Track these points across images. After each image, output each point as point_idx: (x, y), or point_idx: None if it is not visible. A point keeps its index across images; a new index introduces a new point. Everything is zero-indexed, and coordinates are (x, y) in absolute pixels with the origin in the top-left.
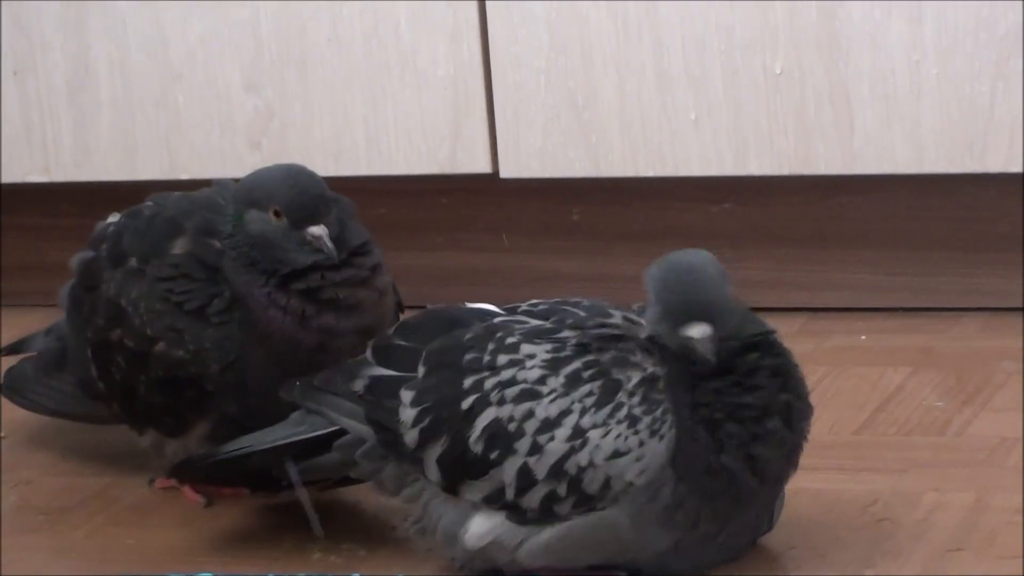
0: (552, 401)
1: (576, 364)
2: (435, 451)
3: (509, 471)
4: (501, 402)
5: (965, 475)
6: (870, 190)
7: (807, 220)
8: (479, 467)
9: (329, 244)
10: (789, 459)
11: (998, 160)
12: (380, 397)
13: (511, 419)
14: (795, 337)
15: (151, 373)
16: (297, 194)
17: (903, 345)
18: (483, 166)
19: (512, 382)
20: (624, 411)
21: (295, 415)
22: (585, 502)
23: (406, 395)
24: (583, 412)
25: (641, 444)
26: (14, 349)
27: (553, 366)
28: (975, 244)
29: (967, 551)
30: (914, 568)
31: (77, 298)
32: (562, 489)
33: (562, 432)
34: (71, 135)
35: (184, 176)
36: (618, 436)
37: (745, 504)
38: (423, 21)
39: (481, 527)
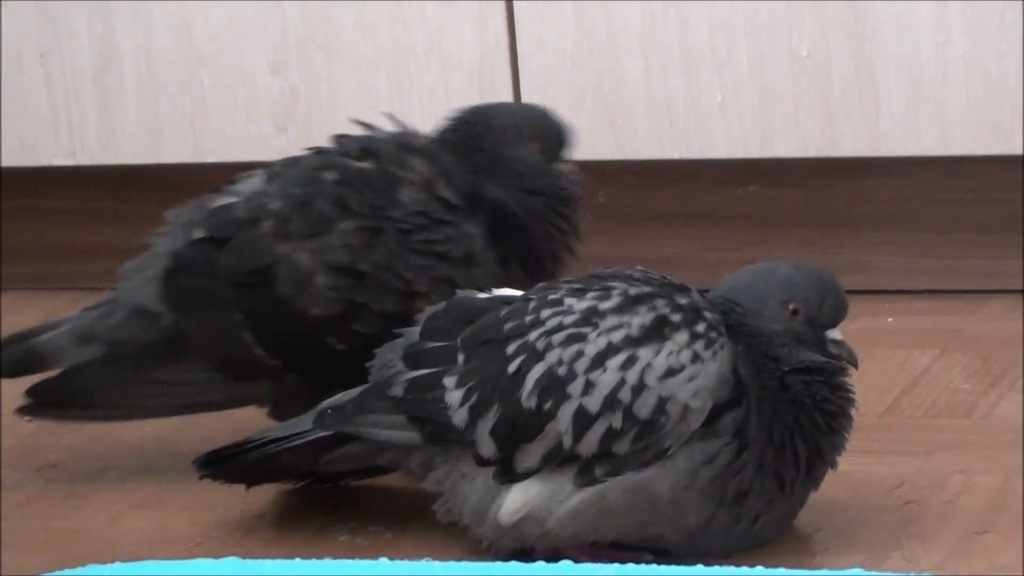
0: (600, 335)
1: (621, 299)
2: (487, 424)
3: (564, 418)
4: (548, 349)
5: (992, 457)
6: (896, 172)
7: (833, 202)
8: (534, 425)
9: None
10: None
11: None
12: (422, 393)
13: (560, 363)
14: None
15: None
16: (554, 127)
17: (929, 327)
18: None
19: (558, 328)
20: (676, 333)
21: (322, 406)
22: (643, 436)
23: (449, 381)
24: (632, 341)
25: (695, 360)
26: (20, 369)
27: (598, 304)
28: (1002, 226)
29: (993, 533)
30: (941, 550)
31: (203, 284)
32: (617, 421)
33: (613, 362)
34: (97, 118)
35: (210, 159)
36: (670, 354)
37: (788, 493)
38: (449, 4)
39: (515, 501)
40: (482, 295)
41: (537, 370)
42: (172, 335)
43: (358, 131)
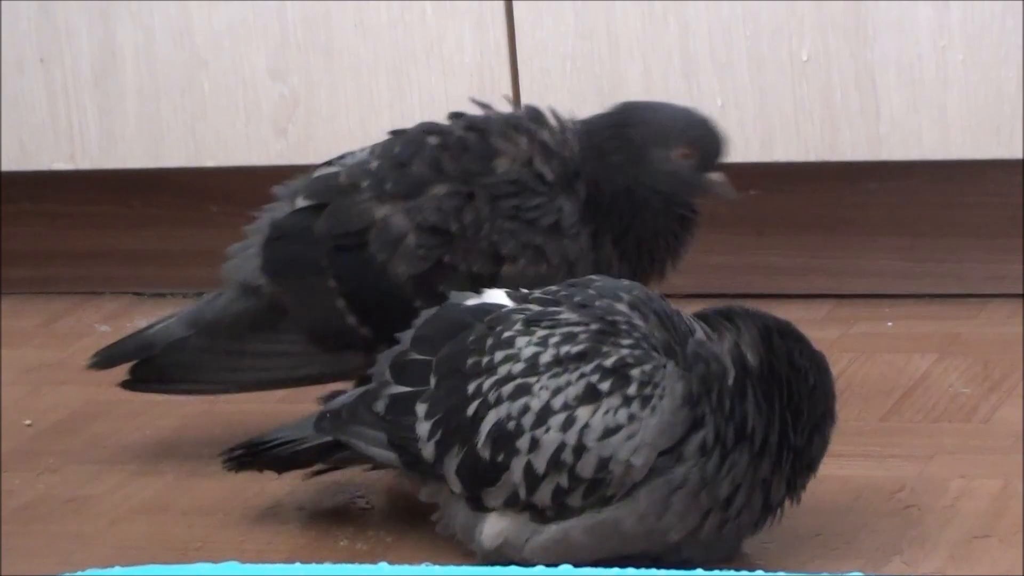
0: (542, 389)
1: (566, 348)
2: (452, 463)
3: (516, 472)
4: (498, 402)
5: (992, 461)
6: (896, 176)
7: (833, 206)
8: (491, 473)
9: (732, 188)
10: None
11: None
12: (399, 416)
13: (509, 418)
14: (821, 324)
15: None
16: (709, 136)
17: (930, 331)
18: None
19: (507, 378)
20: (607, 398)
21: (333, 404)
22: (592, 491)
23: (420, 408)
24: (574, 397)
25: (632, 420)
26: (109, 360)
27: (540, 354)
28: (1002, 230)
29: (994, 537)
30: (941, 554)
31: (300, 251)
32: (564, 480)
33: (555, 420)
34: (96, 122)
35: (210, 163)
36: (606, 413)
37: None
38: (449, 7)
39: (493, 528)
40: (470, 302)
41: (490, 419)
42: (270, 305)
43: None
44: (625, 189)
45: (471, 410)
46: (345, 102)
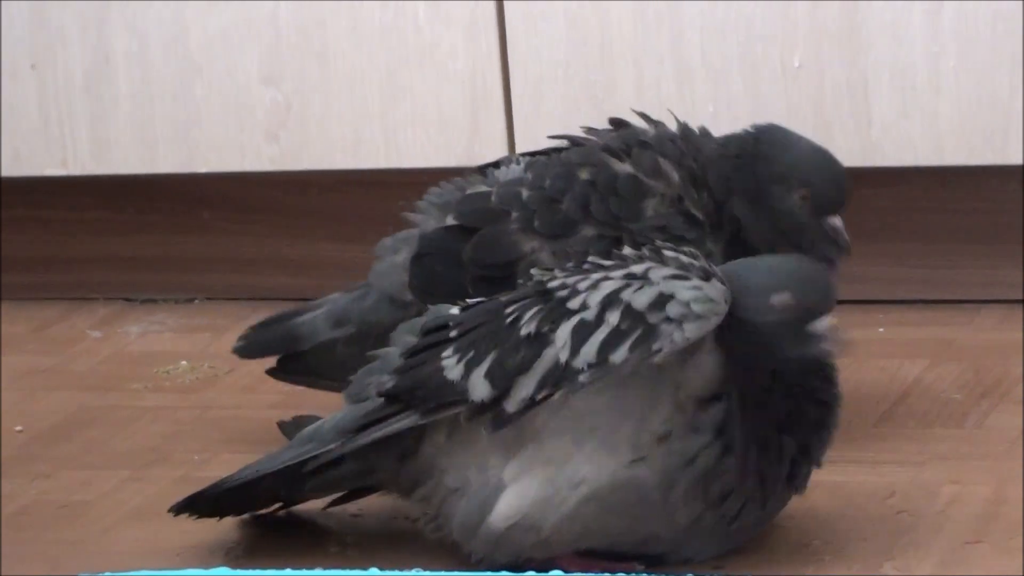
0: (607, 268)
1: (629, 250)
2: (482, 369)
3: (562, 336)
4: (551, 280)
5: (984, 467)
6: (889, 182)
7: None
8: (532, 352)
9: (846, 236)
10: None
11: (1017, 152)
12: (415, 369)
13: (563, 287)
14: None
15: None
16: (832, 182)
17: (922, 337)
18: None
19: (562, 274)
20: (681, 262)
21: (302, 434)
22: (642, 341)
23: (447, 352)
24: (639, 258)
25: (705, 276)
26: (277, 348)
27: (601, 260)
28: (994, 236)
29: (986, 543)
30: (933, 560)
31: (447, 273)
32: (615, 318)
33: (618, 272)
34: (89, 128)
35: (203, 169)
36: (677, 268)
37: (770, 492)
38: (441, 14)
39: (509, 507)
40: (456, 311)
41: (535, 307)
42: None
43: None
44: (751, 224)
45: (510, 318)
46: (338, 108)
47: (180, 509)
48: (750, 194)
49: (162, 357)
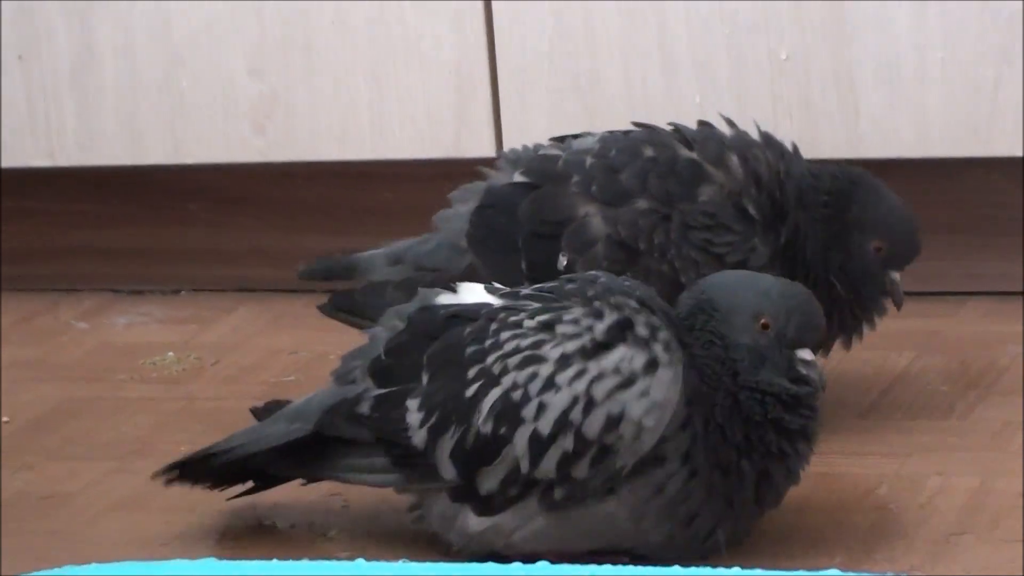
0: (554, 350)
1: (577, 313)
2: (446, 447)
3: (520, 442)
4: (503, 373)
5: (969, 459)
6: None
7: None
8: (491, 449)
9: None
10: (787, 488)
11: (1003, 144)
12: (387, 412)
13: (515, 387)
14: None
15: None
16: (908, 244)
17: (908, 329)
18: (487, 150)
19: (515, 351)
20: (629, 347)
21: (288, 409)
22: (600, 458)
23: (412, 403)
24: (584, 354)
25: (647, 372)
26: (332, 275)
27: (553, 323)
28: (980, 228)
29: (971, 535)
30: (918, 551)
31: (503, 226)
32: (570, 444)
33: (564, 377)
34: (75, 120)
35: (188, 160)
36: (619, 365)
37: (738, 512)
38: (427, 5)
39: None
40: (445, 299)
41: (493, 395)
42: (469, 273)
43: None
44: (822, 259)
45: (471, 391)
46: (324, 100)
47: (167, 472)
48: (832, 237)
49: (148, 348)
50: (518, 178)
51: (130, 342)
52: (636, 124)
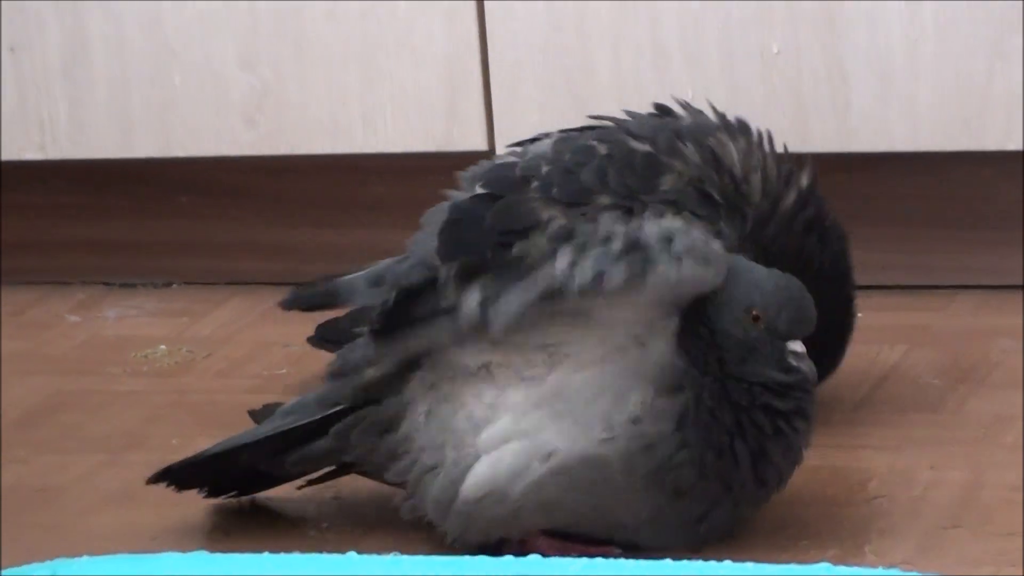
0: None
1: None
2: (475, 288)
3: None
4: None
5: (961, 452)
6: (866, 168)
7: None
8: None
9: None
10: (791, 468)
11: (995, 138)
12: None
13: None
14: None
15: None
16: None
17: (899, 323)
18: (479, 143)
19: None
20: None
21: (283, 407)
22: (640, 263)
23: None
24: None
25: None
26: (317, 305)
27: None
28: (972, 222)
29: (963, 528)
30: (909, 545)
31: (470, 239)
32: (617, 244)
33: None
34: (67, 112)
35: (179, 153)
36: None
37: (737, 496)
38: None
39: (481, 475)
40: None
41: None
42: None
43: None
44: (797, 255)
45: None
46: (315, 92)
47: (157, 479)
48: (817, 237)
49: (139, 341)
50: (479, 190)
51: (121, 335)
52: (591, 117)
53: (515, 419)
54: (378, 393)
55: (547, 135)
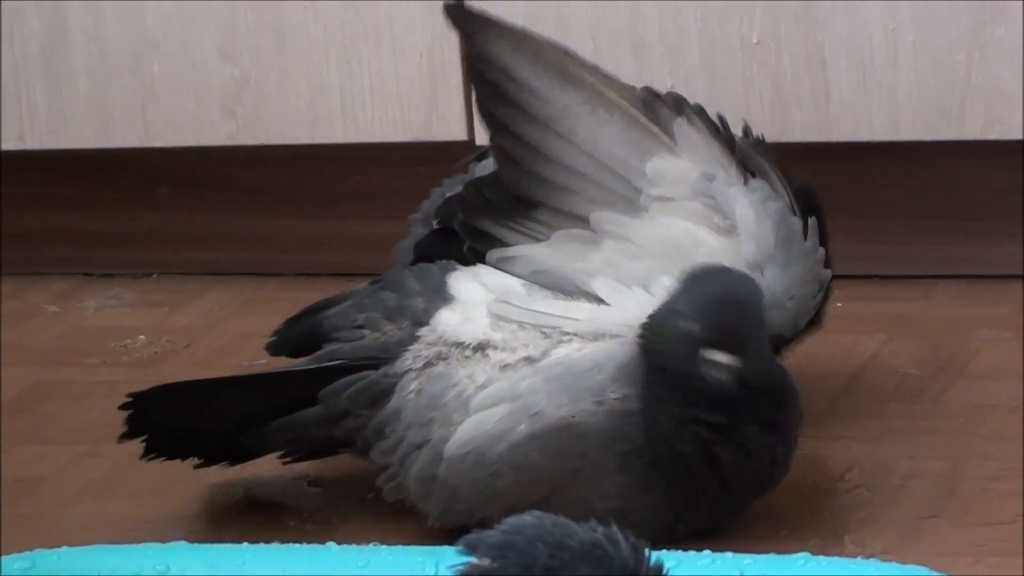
0: None
1: None
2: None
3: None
4: None
5: (940, 442)
6: (846, 157)
7: None
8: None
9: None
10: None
11: (974, 127)
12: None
13: None
14: None
15: None
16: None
17: (878, 313)
18: (459, 134)
19: None
20: None
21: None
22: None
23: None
24: None
25: None
26: (305, 345)
27: None
28: (951, 211)
29: (942, 518)
30: (889, 535)
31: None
32: None
33: None
34: (46, 103)
35: (159, 144)
36: None
37: (709, 508)
38: None
39: (464, 434)
40: None
41: None
42: None
43: None
44: None
45: None
46: (295, 83)
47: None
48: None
49: (119, 332)
50: (435, 225)
51: (101, 326)
52: None
53: (512, 383)
54: (378, 356)
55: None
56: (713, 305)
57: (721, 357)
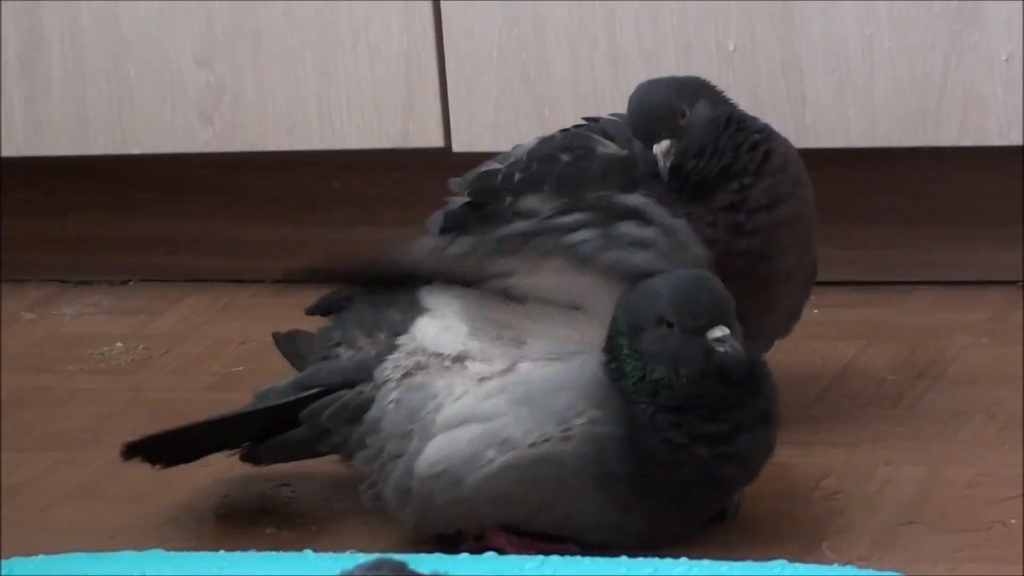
0: None
1: None
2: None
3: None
4: None
5: (918, 448)
6: (823, 163)
7: None
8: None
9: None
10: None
11: (951, 133)
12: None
13: None
14: None
15: None
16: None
17: (856, 319)
18: (436, 140)
19: None
20: None
21: (260, 392)
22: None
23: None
24: None
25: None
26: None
27: None
28: (928, 217)
29: (919, 524)
30: (866, 541)
31: None
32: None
33: None
34: (22, 109)
35: (136, 150)
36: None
37: (689, 514)
38: None
39: (436, 454)
40: None
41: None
42: None
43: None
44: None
45: None
46: (272, 89)
47: (131, 452)
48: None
49: (97, 339)
50: (466, 199)
51: (78, 333)
52: (586, 119)
53: (475, 401)
54: (353, 377)
55: (530, 142)
56: (683, 292)
57: (721, 331)
